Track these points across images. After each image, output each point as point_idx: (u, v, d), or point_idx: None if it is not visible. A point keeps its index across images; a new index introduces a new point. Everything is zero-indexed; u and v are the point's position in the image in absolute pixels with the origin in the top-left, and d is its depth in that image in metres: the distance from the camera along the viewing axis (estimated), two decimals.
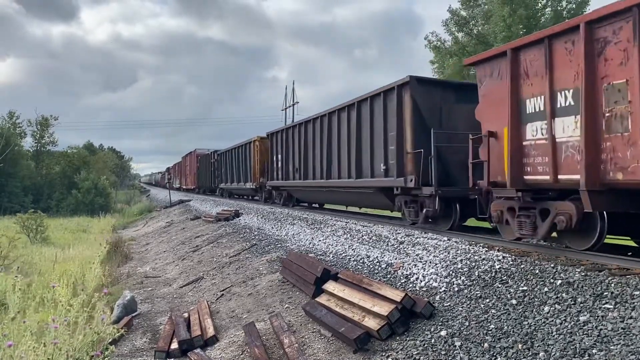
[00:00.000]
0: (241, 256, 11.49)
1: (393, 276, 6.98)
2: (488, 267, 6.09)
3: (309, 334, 6.31)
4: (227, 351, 6.61)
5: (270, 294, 8.31)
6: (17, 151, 43.90)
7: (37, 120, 50.54)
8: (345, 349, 5.61)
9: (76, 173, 46.61)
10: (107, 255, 16.46)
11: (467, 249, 7.03)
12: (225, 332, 7.43)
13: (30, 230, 21.82)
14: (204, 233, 16.63)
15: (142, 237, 22.56)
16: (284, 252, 10.25)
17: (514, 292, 5.33)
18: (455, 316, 5.38)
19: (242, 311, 8.06)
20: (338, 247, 9.32)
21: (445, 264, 6.64)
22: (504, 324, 4.87)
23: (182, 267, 13.02)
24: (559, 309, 4.72)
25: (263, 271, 9.64)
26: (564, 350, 4.17)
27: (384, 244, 8.54)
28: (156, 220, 27.87)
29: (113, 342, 6.69)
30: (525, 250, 6.77)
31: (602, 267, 5.42)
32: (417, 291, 6.27)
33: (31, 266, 13.97)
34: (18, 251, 16.13)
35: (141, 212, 38.69)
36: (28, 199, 42.16)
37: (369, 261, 7.87)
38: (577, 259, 5.99)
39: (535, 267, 5.70)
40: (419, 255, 7.38)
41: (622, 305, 4.42)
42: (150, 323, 8.67)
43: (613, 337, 4.09)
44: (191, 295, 10.17)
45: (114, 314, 8.78)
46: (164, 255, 15.78)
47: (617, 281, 4.83)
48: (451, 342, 4.96)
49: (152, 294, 10.77)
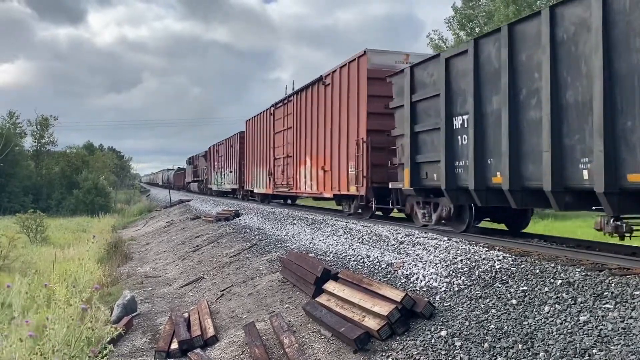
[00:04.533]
0: (241, 256, 11.48)
1: (393, 276, 6.98)
2: (488, 267, 6.09)
3: (309, 334, 6.31)
4: (227, 351, 6.61)
5: (270, 293, 8.30)
6: (17, 151, 43.91)
7: (37, 120, 50.60)
8: (345, 349, 5.61)
9: (76, 173, 46.62)
10: (107, 254, 16.47)
11: (467, 249, 7.03)
12: (225, 332, 7.43)
13: (30, 230, 21.84)
14: (204, 233, 16.62)
15: (142, 237, 22.57)
16: (284, 252, 10.24)
17: (514, 292, 5.33)
18: (455, 316, 5.38)
19: (242, 311, 8.05)
20: (338, 247, 9.31)
21: (445, 264, 6.64)
22: (504, 323, 4.86)
23: (182, 267, 13.02)
24: (559, 308, 4.72)
25: (263, 271, 9.64)
26: (564, 350, 4.17)
27: (384, 244, 8.54)
28: (156, 220, 27.87)
29: (112, 341, 6.68)
30: (526, 250, 6.78)
31: (603, 267, 5.42)
32: (417, 291, 6.26)
33: (30, 266, 13.96)
34: (18, 251, 16.14)
35: (141, 212, 38.68)
36: (28, 199, 42.14)
37: (369, 261, 7.86)
38: (577, 258, 5.99)
39: (535, 267, 5.70)
40: (419, 255, 7.37)
41: (623, 305, 4.42)
42: (150, 323, 8.67)
43: (613, 337, 4.09)
44: (191, 295, 10.17)
45: (114, 314, 8.78)
46: (164, 255, 15.77)
47: (618, 281, 4.82)
48: (451, 342, 4.96)
49: (152, 294, 10.77)
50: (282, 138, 17.97)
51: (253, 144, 22.62)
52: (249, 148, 23.39)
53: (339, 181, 12.99)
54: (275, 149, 18.78)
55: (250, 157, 23.13)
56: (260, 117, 21.40)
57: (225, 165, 29.42)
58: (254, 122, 22.43)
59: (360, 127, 11.84)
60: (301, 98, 16.02)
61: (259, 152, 21.35)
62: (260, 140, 21.34)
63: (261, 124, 21.08)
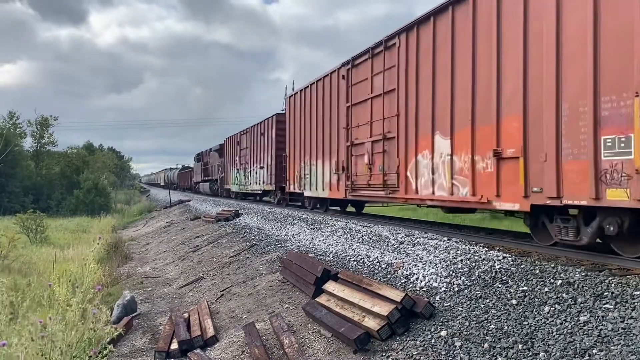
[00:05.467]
0: (241, 256, 11.48)
1: (393, 276, 6.97)
2: (488, 267, 6.09)
3: (309, 334, 6.31)
4: (227, 351, 6.61)
5: (270, 294, 8.30)
6: (17, 151, 43.89)
7: (37, 120, 50.61)
8: (345, 349, 5.60)
9: (76, 173, 46.61)
10: (107, 254, 16.48)
11: (467, 249, 7.03)
12: (225, 332, 7.43)
13: (30, 231, 21.83)
14: (203, 233, 16.62)
15: (142, 237, 22.56)
16: (284, 252, 10.24)
17: (514, 292, 5.33)
18: (455, 316, 5.37)
19: (242, 311, 8.05)
20: (338, 247, 9.31)
21: (445, 264, 6.64)
22: (504, 324, 4.86)
23: (182, 267, 13.02)
24: (559, 309, 4.72)
25: (263, 271, 9.64)
26: (564, 350, 4.17)
27: (384, 244, 8.54)
28: (156, 221, 27.87)
29: (112, 341, 6.68)
30: (526, 250, 6.78)
31: (603, 267, 5.42)
32: (417, 291, 6.26)
33: (30, 266, 13.97)
34: (18, 251, 16.14)
35: (141, 212, 38.67)
36: (28, 199, 42.11)
37: (369, 261, 7.86)
38: (577, 259, 5.99)
39: (535, 267, 5.70)
40: (419, 255, 7.37)
41: (623, 306, 4.42)
42: (150, 323, 8.67)
43: (613, 337, 4.09)
44: (191, 295, 10.17)
45: (114, 314, 8.77)
46: (164, 256, 15.77)
47: (618, 281, 4.83)
48: (451, 342, 4.96)
49: (152, 294, 10.77)
50: (367, 110, 11.57)
51: (303, 127, 15.95)
52: (295, 133, 16.67)
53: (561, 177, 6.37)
54: (353, 129, 12.33)
55: (298, 145, 16.32)
56: (318, 86, 14.66)
57: (251, 160, 23.32)
58: (306, 95, 15.74)
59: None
60: (422, 36, 9.60)
61: (316, 137, 14.77)
62: (318, 119, 14.65)
63: (321, 95, 14.44)
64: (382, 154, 10.91)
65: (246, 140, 24.50)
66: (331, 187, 13.58)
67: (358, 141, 12.07)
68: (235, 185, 26.81)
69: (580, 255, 6.21)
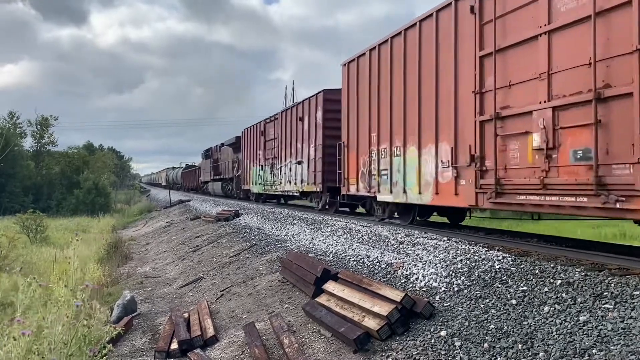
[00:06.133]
0: (241, 256, 11.48)
1: (393, 276, 6.98)
2: (488, 267, 6.09)
3: (309, 334, 6.31)
4: (227, 351, 6.61)
5: (270, 294, 8.31)
6: (18, 151, 43.90)
7: (37, 120, 50.63)
8: (345, 349, 5.60)
9: (76, 173, 46.61)
10: (107, 254, 16.48)
11: (467, 249, 7.03)
12: (225, 332, 7.43)
13: (30, 230, 21.83)
14: (203, 233, 16.63)
15: (142, 237, 22.57)
16: (284, 252, 10.24)
17: (514, 292, 5.33)
18: (455, 316, 5.37)
19: (242, 311, 8.05)
20: (338, 247, 9.31)
21: (445, 264, 6.64)
22: (504, 324, 4.86)
23: (182, 267, 13.02)
24: (559, 309, 4.72)
25: (263, 271, 9.64)
26: (564, 350, 4.17)
27: (384, 244, 8.54)
28: (156, 220, 27.88)
29: (112, 341, 6.67)
30: (525, 250, 6.78)
31: (602, 267, 5.42)
32: (417, 291, 6.26)
33: (30, 266, 13.97)
34: (18, 251, 16.14)
35: (141, 212, 38.68)
36: (28, 199, 42.13)
37: (369, 261, 7.86)
38: (577, 258, 5.99)
39: (535, 267, 5.70)
40: (418, 255, 7.37)
41: (622, 305, 4.42)
42: (150, 323, 8.67)
43: (613, 337, 4.09)
44: (191, 295, 10.17)
45: (114, 314, 8.78)
46: (163, 255, 15.78)
47: (617, 281, 4.82)
48: (451, 342, 4.96)
49: (152, 294, 10.77)
50: (538, 54, 6.75)
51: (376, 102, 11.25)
52: (360, 112, 12.05)
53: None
54: (499, 91, 7.45)
55: (366, 129, 11.71)
56: (408, 37, 10.00)
57: (282, 154, 18.53)
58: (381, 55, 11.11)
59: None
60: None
61: (405, 113, 10.06)
62: (408, 87, 9.95)
63: (414, 50, 9.73)
64: (585, 129, 6.08)
65: (275, 129, 19.39)
66: (439, 189, 8.99)
67: (512, 111, 7.22)
68: (257, 186, 22.01)
69: (580, 255, 6.21)
